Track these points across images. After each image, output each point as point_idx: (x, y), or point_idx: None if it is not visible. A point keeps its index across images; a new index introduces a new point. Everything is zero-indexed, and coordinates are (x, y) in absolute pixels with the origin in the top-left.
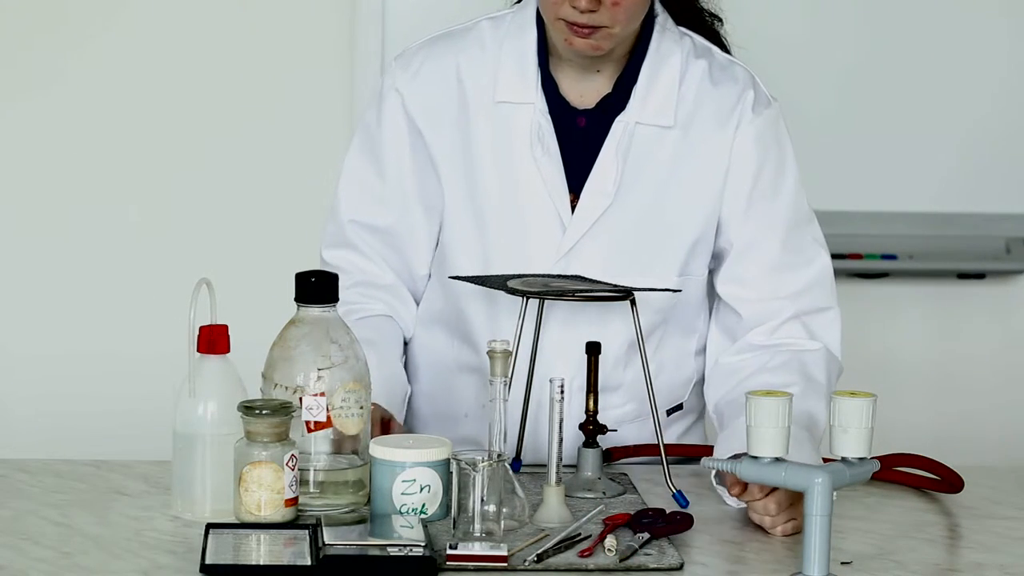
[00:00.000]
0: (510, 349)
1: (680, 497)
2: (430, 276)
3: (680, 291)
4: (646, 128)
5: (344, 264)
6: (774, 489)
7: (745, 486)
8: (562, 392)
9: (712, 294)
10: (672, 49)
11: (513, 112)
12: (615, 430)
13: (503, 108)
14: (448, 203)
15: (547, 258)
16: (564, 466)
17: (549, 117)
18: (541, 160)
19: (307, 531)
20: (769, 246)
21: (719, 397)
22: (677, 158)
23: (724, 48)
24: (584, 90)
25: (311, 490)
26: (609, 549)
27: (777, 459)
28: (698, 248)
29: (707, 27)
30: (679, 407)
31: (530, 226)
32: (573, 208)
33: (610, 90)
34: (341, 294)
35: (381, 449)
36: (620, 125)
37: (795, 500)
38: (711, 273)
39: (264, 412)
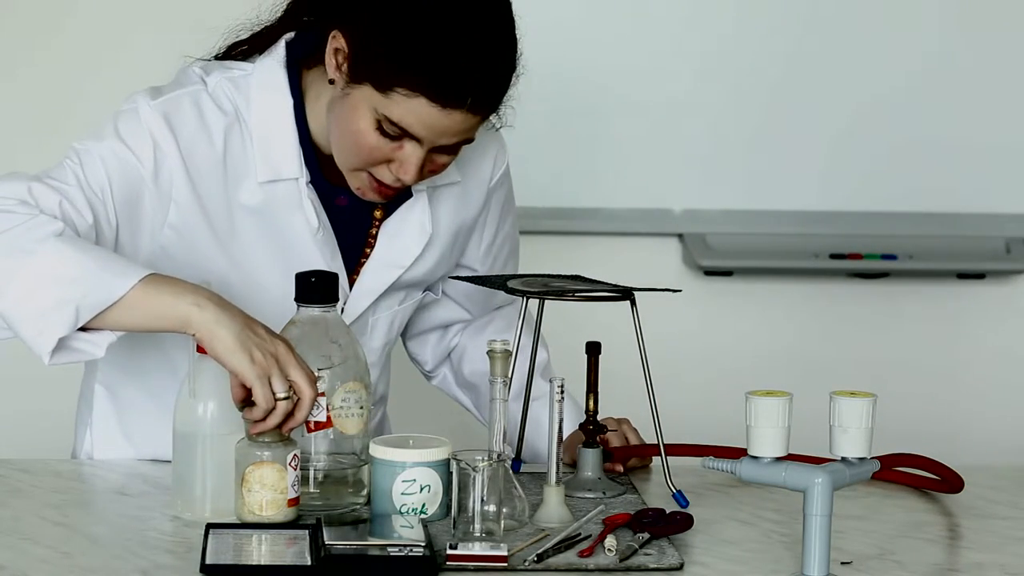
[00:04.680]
0: (510, 349)
1: (680, 497)
2: None
3: (680, 291)
4: (434, 189)
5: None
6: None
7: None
8: (562, 392)
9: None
10: None
11: (277, 188)
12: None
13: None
14: (203, 258)
15: None
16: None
17: (316, 193)
18: (322, 243)
19: (307, 531)
20: (497, 268)
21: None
22: (453, 210)
23: None
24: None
25: (311, 490)
26: (609, 549)
27: (777, 459)
28: (444, 276)
29: None
30: None
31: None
32: (351, 281)
33: None
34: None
35: (381, 449)
36: (419, 196)
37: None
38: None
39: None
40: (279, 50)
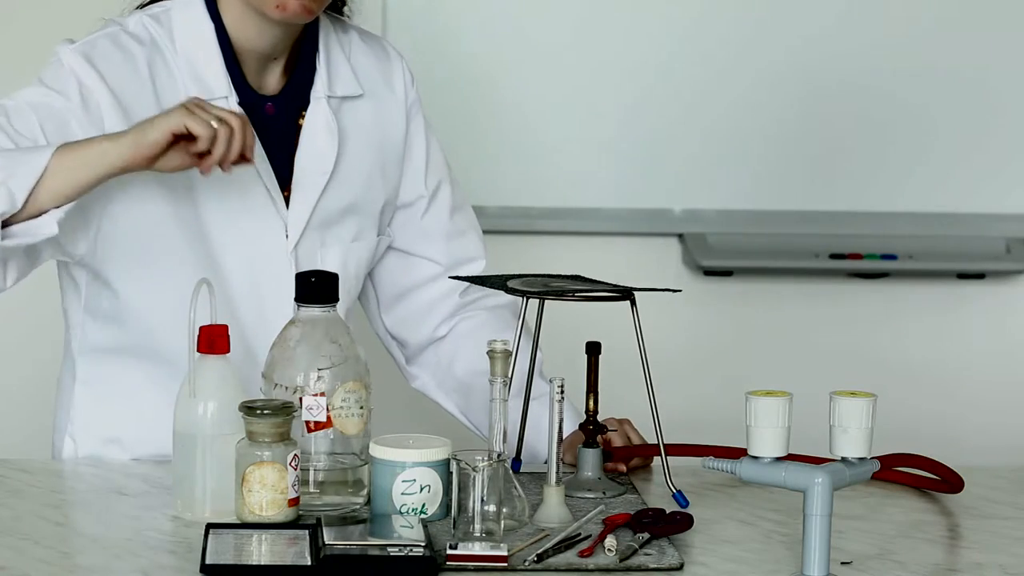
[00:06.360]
0: (510, 349)
1: (680, 497)
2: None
3: (680, 291)
4: (337, 101)
5: None
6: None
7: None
8: (562, 392)
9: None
10: (326, 26)
11: None
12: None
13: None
14: (150, 210)
15: (276, 251)
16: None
17: (242, 109)
18: (259, 161)
19: (307, 531)
20: (443, 198)
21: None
22: (368, 125)
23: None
24: (264, 79)
25: (311, 490)
26: (609, 549)
27: (777, 459)
28: (386, 208)
29: (336, 6)
30: None
31: (252, 223)
32: (286, 198)
33: (291, 74)
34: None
35: (381, 449)
36: (318, 102)
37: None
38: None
39: (265, 412)
40: None
